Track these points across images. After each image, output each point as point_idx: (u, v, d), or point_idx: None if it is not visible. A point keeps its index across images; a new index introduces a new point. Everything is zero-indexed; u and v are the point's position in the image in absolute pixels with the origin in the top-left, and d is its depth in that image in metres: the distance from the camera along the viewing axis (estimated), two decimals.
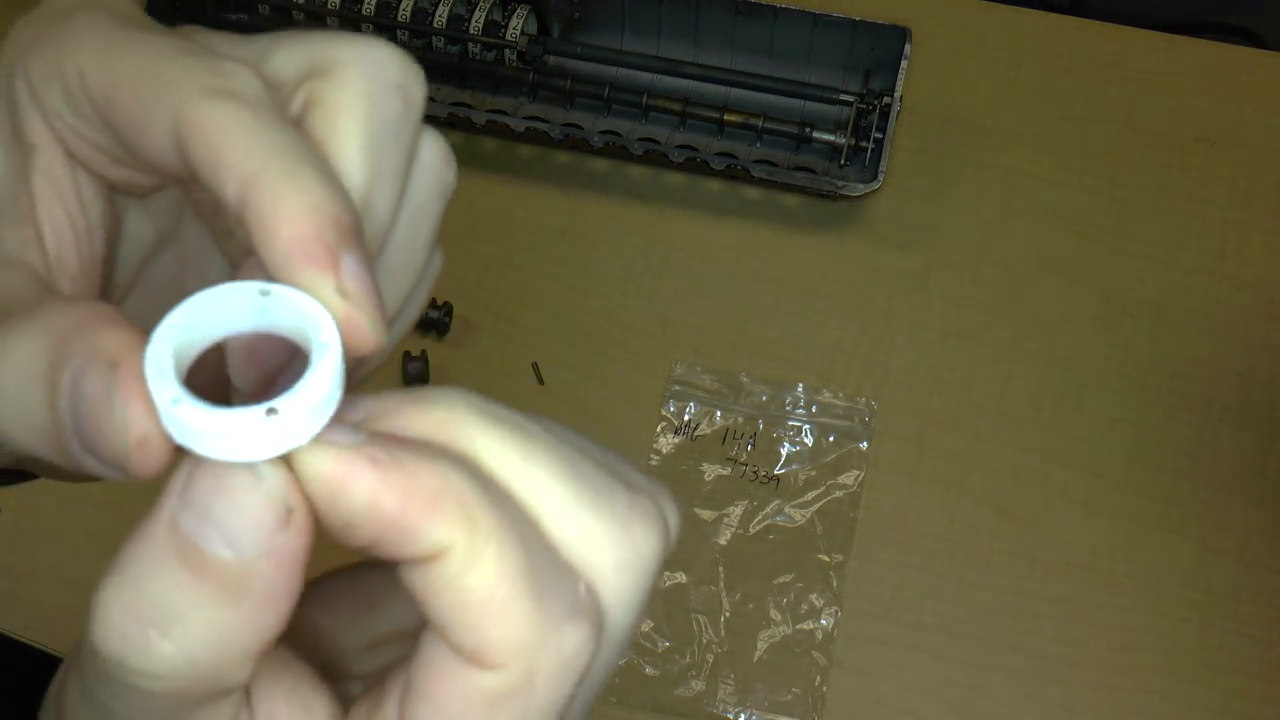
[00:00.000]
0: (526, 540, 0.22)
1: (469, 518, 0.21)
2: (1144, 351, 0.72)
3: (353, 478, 0.21)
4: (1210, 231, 0.76)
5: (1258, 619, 0.64)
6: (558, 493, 0.23)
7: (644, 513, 0.24)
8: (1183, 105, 0.81)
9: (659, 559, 0.24)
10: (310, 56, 0.25)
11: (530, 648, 0.21)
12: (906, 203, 0.77)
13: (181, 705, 0.21)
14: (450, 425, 0.23)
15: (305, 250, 0.21)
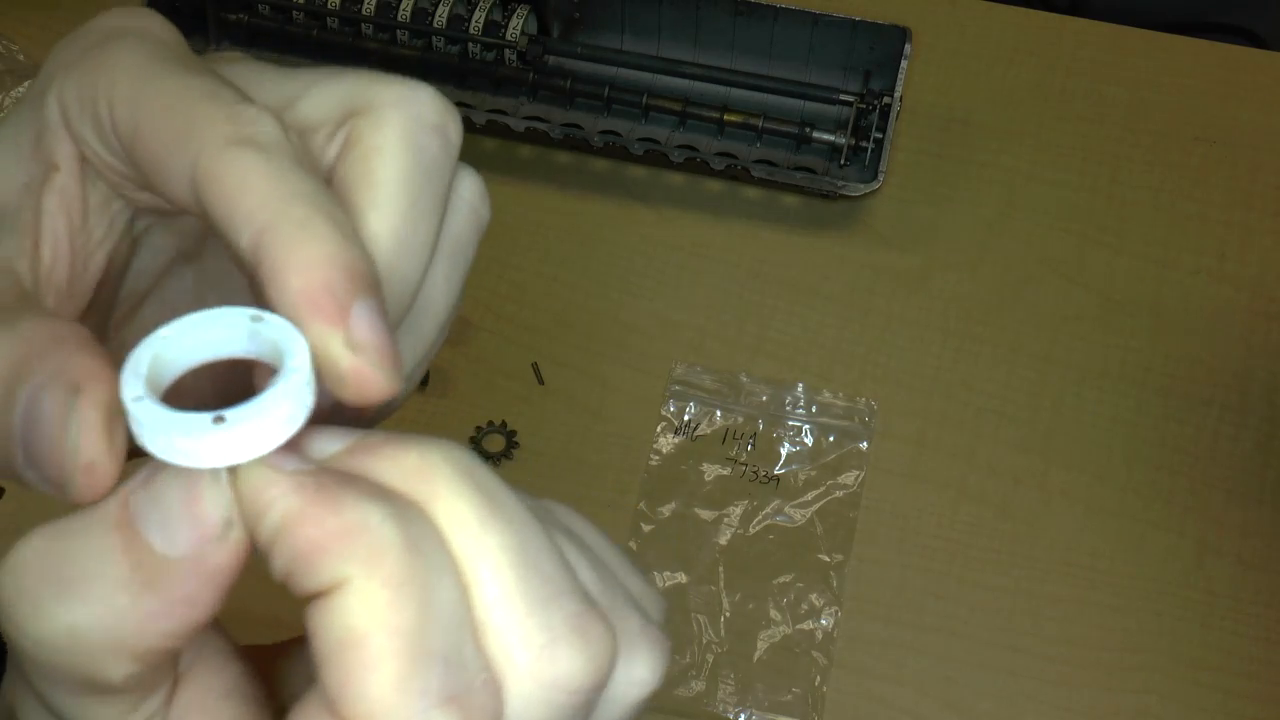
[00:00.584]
0: (433, 607, 0.20)
1: (372, 559, 0.20)
2: (1144, 351, 0.72)
3: (274, 499, 0.21)
4: (1210, 231, 0.76)
5: (1258, 619, 0.64)
6: (499, 575, 0.21)
7: (584, 634, 0.22)
8: (1183, 105, 0.81)
9: (585, 691, 0.22)
10: (350, 96, 0.25)
11: (384, 713, 0.20)
12: (906, 203, 0.77)
13: (65, 686, 0.21)
14: (419, 476, 0.22)
15: (313, 303, 0.21)
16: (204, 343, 0.22)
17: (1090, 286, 0.74)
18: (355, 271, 0.22)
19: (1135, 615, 0.65)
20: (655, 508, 0.67)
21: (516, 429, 0.70)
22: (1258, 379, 0.71)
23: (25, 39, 0.85)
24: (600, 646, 0.22)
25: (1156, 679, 0.63)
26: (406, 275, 0.24)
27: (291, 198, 0.22)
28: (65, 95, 0.25)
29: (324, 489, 0.21)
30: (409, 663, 0.20)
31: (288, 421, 0.21)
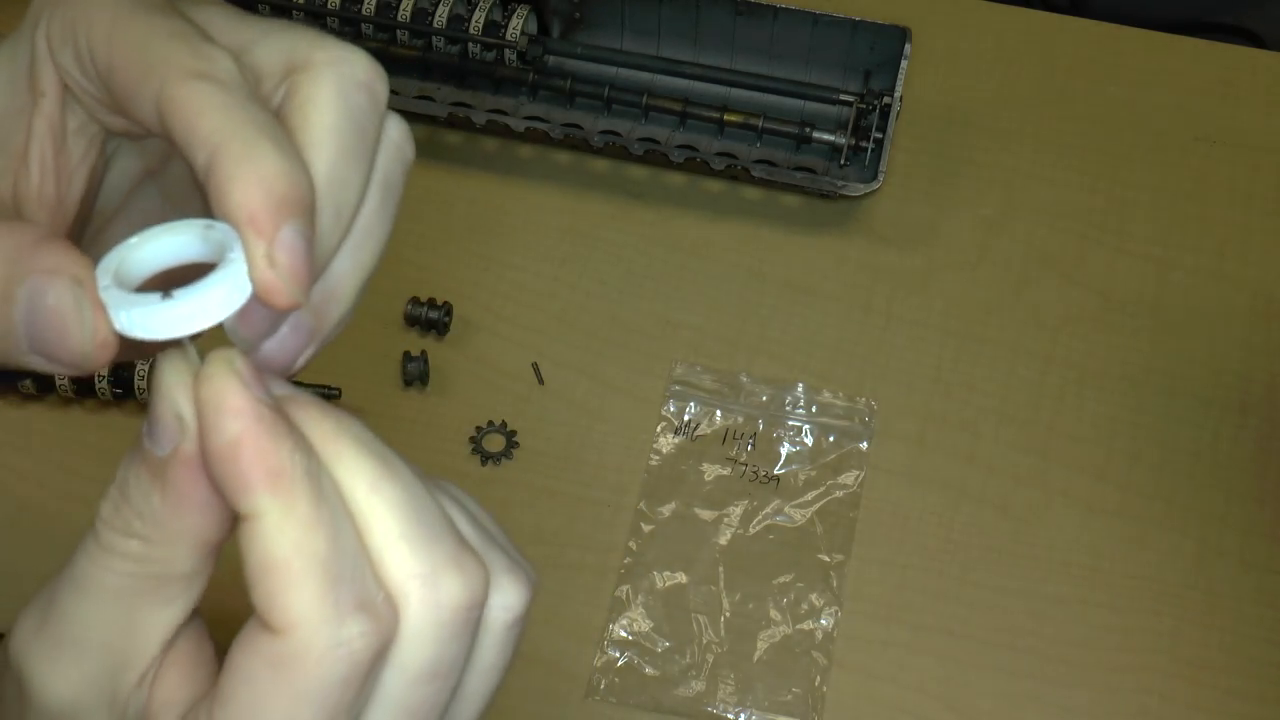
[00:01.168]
0: (336, 539, 0.26)
1: (289, 496, 0.25)
2: (1144, 351, 0.72)
3: (237, 410, 0.25)
4: (1210, 231, 0.76)
5: (1258, 619, 0.64)
6: (387, 521, 0.27)
7: (460, 565, 0.27)
8: (1183, 105, 0.81)
9: (464, 609, 0.27)
10: (293, 51, 0.29)
11: (309, 621, 0.25)
12: (906, 203, 0.77)
13: (132, 591, 0.27)
14: (331, 437, 0.27)
15: (249, 216, 0.25)
16: (164, 248, 0.26)
17: (1090, 286, 0.74)
18: (290, 195, 0.26)
19: (1135, 615, 0.64)
20: (655, 508, 0.67)
21: (516, 429, 0.70)
22: (1258, 379, 0.71)
23: None
24: (473, 575, 0.27)
25: (1156, 679, 0.63)
26: (341, 205, 0.28)
27: (242, 124, 0.26)
28: (51, 29, 0.28)
29: (269, 426, 0.26)
30: (322, 581, 0.25)
31: (225, 302, 0.25)
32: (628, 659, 0.64)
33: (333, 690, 0.26)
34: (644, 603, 0.65)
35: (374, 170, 0.30)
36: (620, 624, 0.64)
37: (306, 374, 0.75)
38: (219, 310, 0.25)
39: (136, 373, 0.68)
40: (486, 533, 0.30)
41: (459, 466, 0.69)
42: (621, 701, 0.63)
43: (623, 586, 0.65)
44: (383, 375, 0.72)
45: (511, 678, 0.66)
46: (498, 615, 0.29)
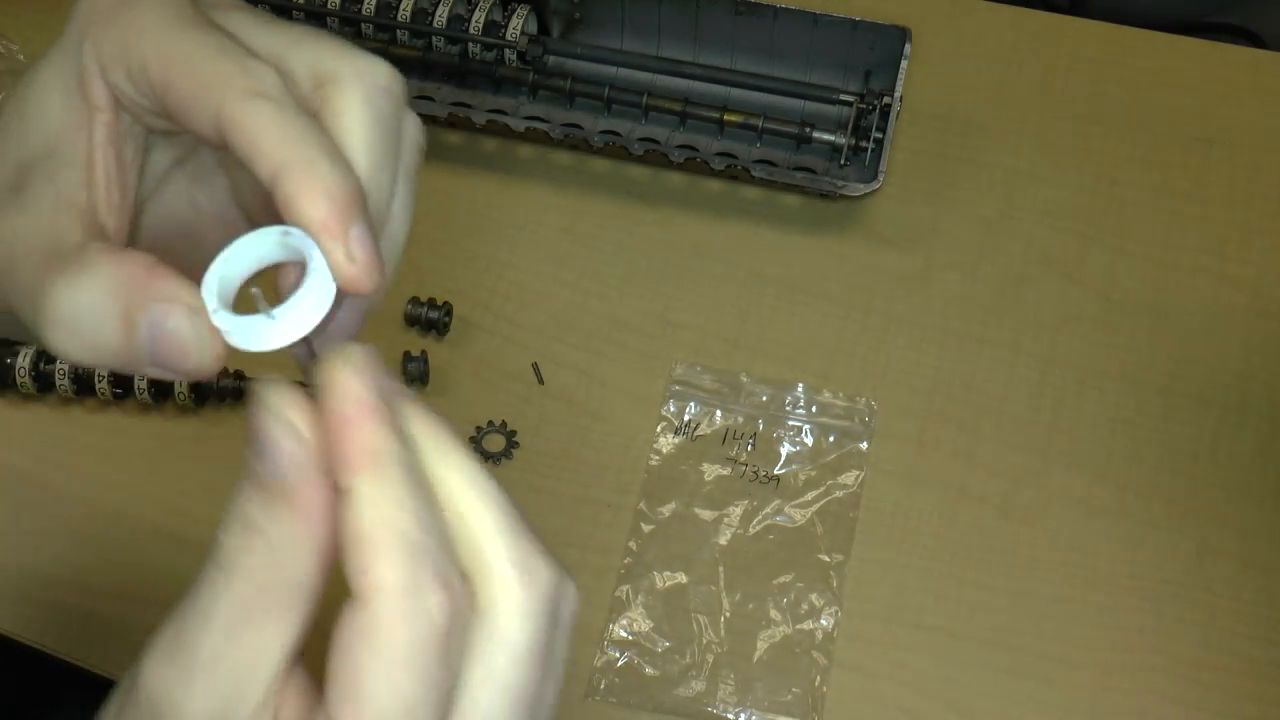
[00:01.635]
0: (422, 518, 0.29)
1: (382, 474, 0.29)
2: (1144, 351, 0.72)
3: (351, 394, 0.29)
4: (1210, 231, 0.76)
5: (1258, 619, 0.64)
6: (485, 514, 0.30)
7: (548, 560, 0.31)
8: (1183, 105, 0.81)
9: (553, 599, 0.31)
10: (319, 64, 0.32)
11: (390, 588, 0.28)
12: (906, 203, 0.77)
13: (256, 605, 0.29)
14: (435, 434, 0.31)
15: (325, 227, 0.30)
16: (251, 258, 0.31)
17: (1090, 286, 0.74)
18: (351, 201, 0.30)
19: (1135, 615, 0.64)
20: (655, 508, 0.67)
21: (516, 429, 0.70)
22: (1258, 379, 0.71)
23: (25, 39, 0.85)
24: (558, 567, 0.31)
25: (1156, 679, 0.63)
26: (379, 200, 0.33)
27: (300, 141, 0.30)
28: (101, 49, 0.31)
29: (373, 411, 0.29)
30: (406, 553, 0.28)
31: (317, 307, 0.30)
32: (628, 659, 0.64)
33: (418, 655, 0.28)
34: (644, 603, 0.65)
35: (400, 165, 0.34)
36: (620, 624, 0.64)
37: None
38: (313, 316, 0.30)
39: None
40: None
41: None
42: (621, 701, 0.63)
43: (623, 586, 0.65)
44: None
45: None
46: (567, 610, 0.32)
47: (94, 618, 0.65)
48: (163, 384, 0.69)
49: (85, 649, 0.64)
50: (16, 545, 0.67)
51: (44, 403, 0.71)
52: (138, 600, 0.65)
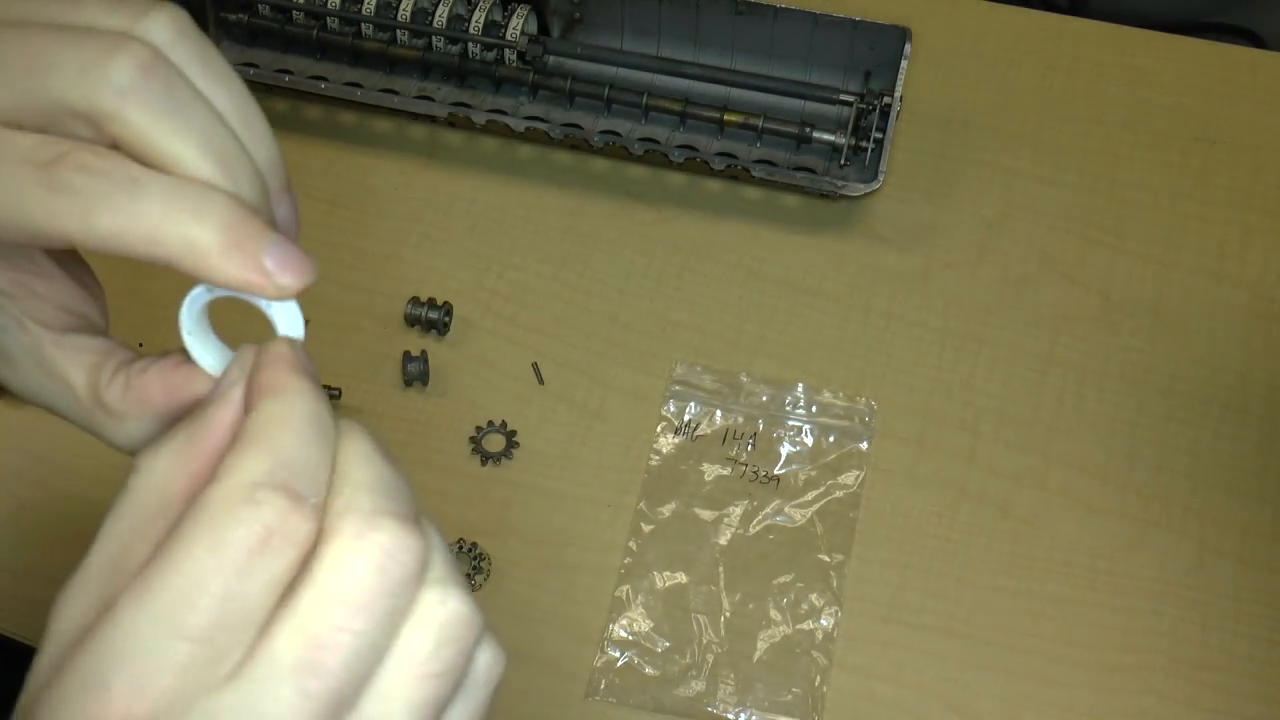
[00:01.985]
0: (305, 447, 0.31)
1: (285, 400, 0.31)
2: (1144, 351, 0.72)
3: (284, 351, 0.33)
4: (1210, 231, 0.76)
5: (1258, 619, 0.64)
6: (360, 471, 0.32)
7: (402, 526, 0.30)
8: (1183, 105, 0.81)
9: (380, 563, 0.29)
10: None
11: (241, 479, 0.29)
12: (906, 203, 0.77)
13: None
14: (344, 428, 0.33)
15: (247, 282, 0.32)
16: (202, 294, 0.35)
17: (1090, 286, 0.74)
18: (246, 239, 0.32)
19: (1135, 615, 0.64)
20: (655, 508, 0.67)
21: (516, 429, 0.70)
22: (1258, 379, 0.71)
23: None
24: (410, 538, 0.30)
25: (1156, 679, 0.63)
26: (255, 194, 0.34)
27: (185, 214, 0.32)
28: None
29: (292, 360, 0.32)
30: (272, 458, 0.29)
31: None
32: (628, 659, 0.64)
33: (232, 552, 0.28)
34: (644, 603, 0.65)
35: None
36: (620, 624, 0.64)
37: None
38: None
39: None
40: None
41: (459, 466, 0.69)
42: (621, 701, 0.63)
43: (623, 586, 0.65)
44: (383, 375, 0.72)
45: (512, 677, 0.66)
46: (402, 582, 0.29)
47: None
48: None
49: None
50: (16, 545, 0.67)
51: None
52: None
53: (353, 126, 0.82)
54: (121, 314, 0.75)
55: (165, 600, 0.28)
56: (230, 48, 0.82)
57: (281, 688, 0.28)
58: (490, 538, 0.66)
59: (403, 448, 0.69)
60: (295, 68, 0.81)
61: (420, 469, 0.69)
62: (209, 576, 0.28)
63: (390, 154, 0.80)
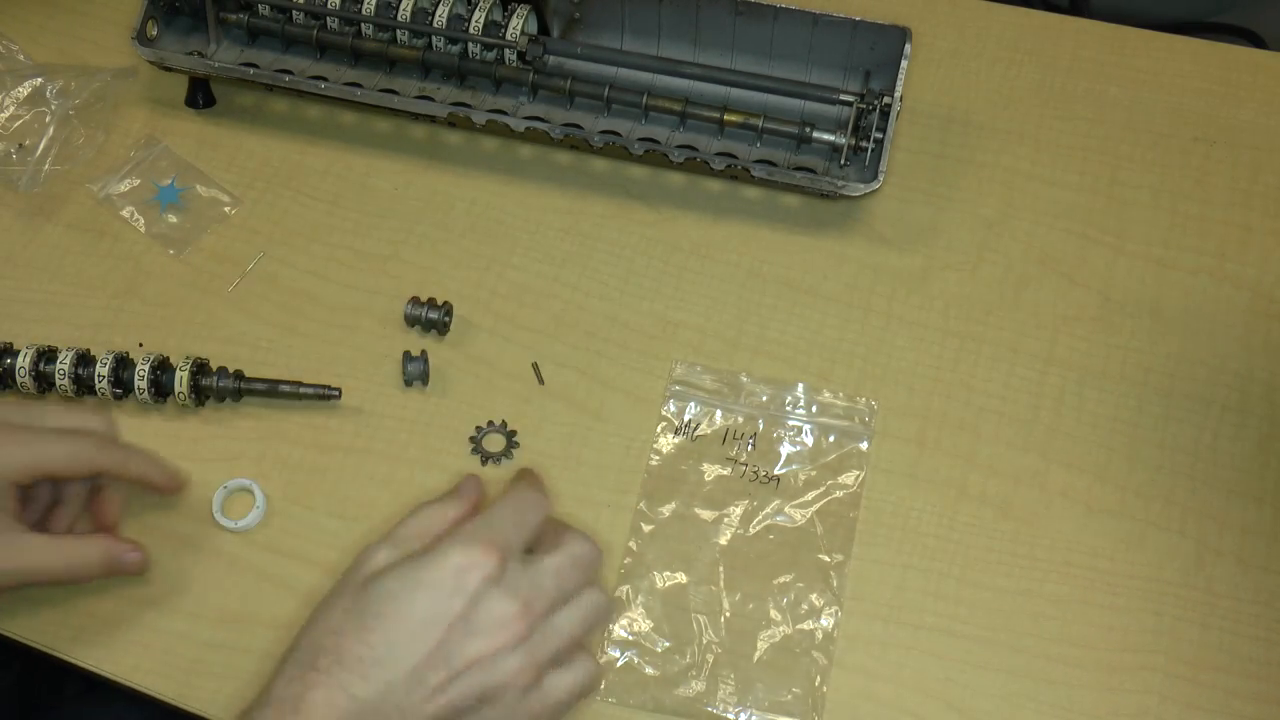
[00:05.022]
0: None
1: None
2: (1144, 351, 0.72)
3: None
4: (1210, 231, 0.76)
5: (1258, 619, 0.64)
6: None
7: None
8: (1183, 105, 0.81)
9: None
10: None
11: None
12: (906, 203, 0.78)
13: None
14: None
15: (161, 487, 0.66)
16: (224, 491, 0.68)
17: (1090, 286, 0.74)
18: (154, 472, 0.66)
19: (1135, 615, 0.65)
20: (655, 508, 0.67)
21: (516, 429, 0.70)
22: (1258, 379, 0.71)
23: (25, 39, 0.85)
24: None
25: (1156, 679, 0.63)
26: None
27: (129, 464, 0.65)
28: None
29: None
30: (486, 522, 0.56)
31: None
32: (628, 659, 0.64)
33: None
34: (644, 603, 0.65)
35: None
36: (620, 624, 0.64)
37: (308, 375, 0.75)
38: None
39: (136, 373, 0.68)
40: None
41: (459, 466, 0.69)
42: (621, 702, 0.63)
43: (623, 586, 0.65)
44: (383, 375, 0.72)
45: None
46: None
47: (94, 618, 0.65)
48: (162, 384, 0.69)
49: (85, 649, 0.64)
50: None
51: (44, 403, 0.71)
52: (138, 600, 0.65)
53: (353, 126, 0.82)
54: (121, 314, 0.76)
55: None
56: (230, 48, 0.82)
57: None
58: None
59: (403, 448, 0.69)
60: (295, 68, 0.81)
61: (420, 469, 0.69)
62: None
63: (390, 154, 0.80)
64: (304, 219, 0.78)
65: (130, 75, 0.83)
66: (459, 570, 0.52)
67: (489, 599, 0.52)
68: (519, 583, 0.53)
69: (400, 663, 0.52)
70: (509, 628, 0.52)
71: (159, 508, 0.68)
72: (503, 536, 0.54)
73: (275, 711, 0.51)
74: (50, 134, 0.79)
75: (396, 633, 0.52)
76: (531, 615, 0.53)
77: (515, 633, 0.53)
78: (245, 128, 0.82)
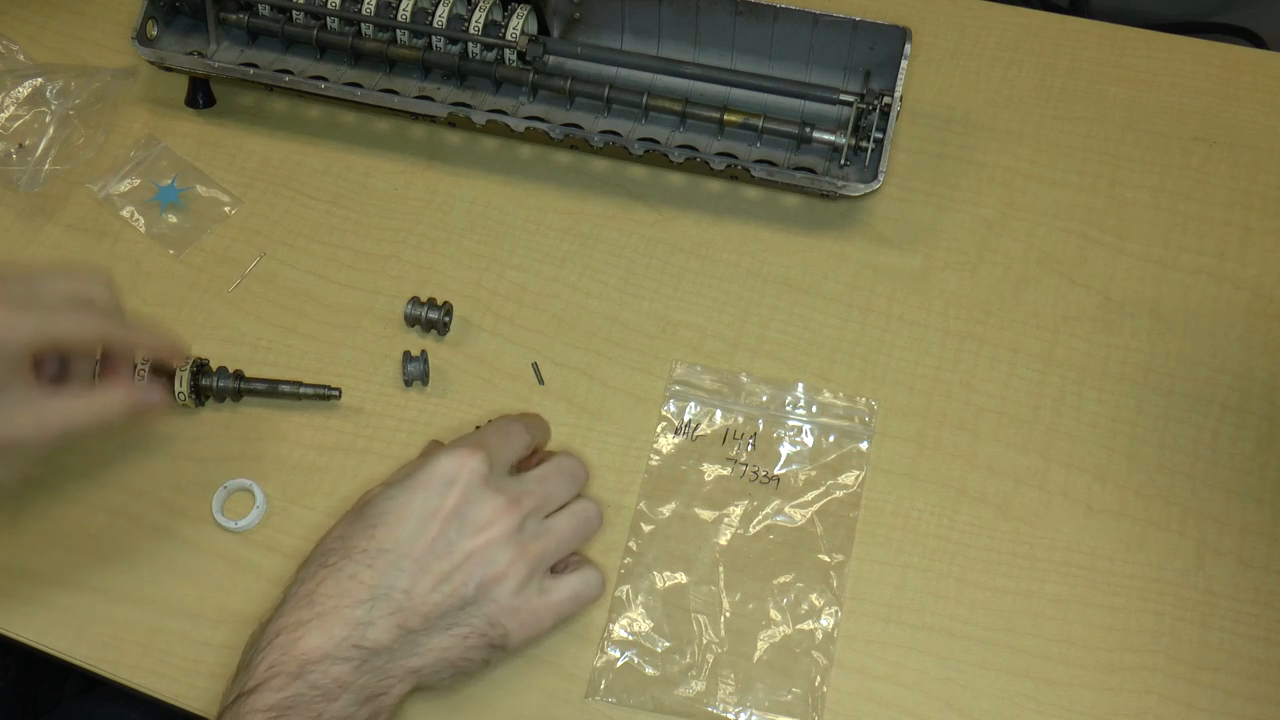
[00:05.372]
0: None
1: None
2: (1144, 351, 0.72)
3: None
4: (1210, 231, 0.76)
5: (1257, 619, 0.64)
6: None
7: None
8: (1183, 105, 0.81)
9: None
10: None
11: None
12: (906, 203, 0.78)
13: None
14: None
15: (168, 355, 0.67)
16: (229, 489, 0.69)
17: (1090, 286, 0.74)
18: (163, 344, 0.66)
19: (1135, 615, 0.65)
20: (655, 508, 0.67)
21: None
22: (1258, 379, 0.71)
23: (25, 39, 0.85)
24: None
25: (1156, 679, 0.63)
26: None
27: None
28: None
29: None
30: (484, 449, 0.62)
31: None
32: (628, 659, 0.64)
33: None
34: (644, 603, 0.65)
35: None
36: (620, 624, 0.64)
37: (308, 375, 0.75)
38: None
39: (136, 373, 0.68)
40: None
41: None
42: (621, 702, 0.63)
43: (623, 586, 0.65)
44: (383, 375, 0.72)
45: (512, 677, 0.66)
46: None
47: (95, 618, 0.65)
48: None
49: (85, 649, 0.64)
50: (16, 545, 0.67)
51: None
52: (138, 600, 0.65)
53: (353, 126, 0.82)
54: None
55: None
56: (230, 48, 0.82)
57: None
58: None
59: (403, 448, 0.70)
60: (295, 68, 0.81)
61: None
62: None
63: (390, 154, 0.80)
64: (304, 219, 0.78)
65: (130, 75, 0.83)
66: (448, 471, 0.58)
67: (479, 493, 0.58)
68: (505, 484, 0.60)
69: (405, 551, 0.57)
70: (499, 521, 0.58)
71: (159, 507, 0.68)
72: (487, 444, 0.60)
73: (290, 606, 0.56)
74: (50, 134, 0.79)
75: (399, 528, 0.57)
76: (520, 510, 0.59)
77: (506, 525, 0.58)
78: (245, 128, 0.82)
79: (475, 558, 0.57)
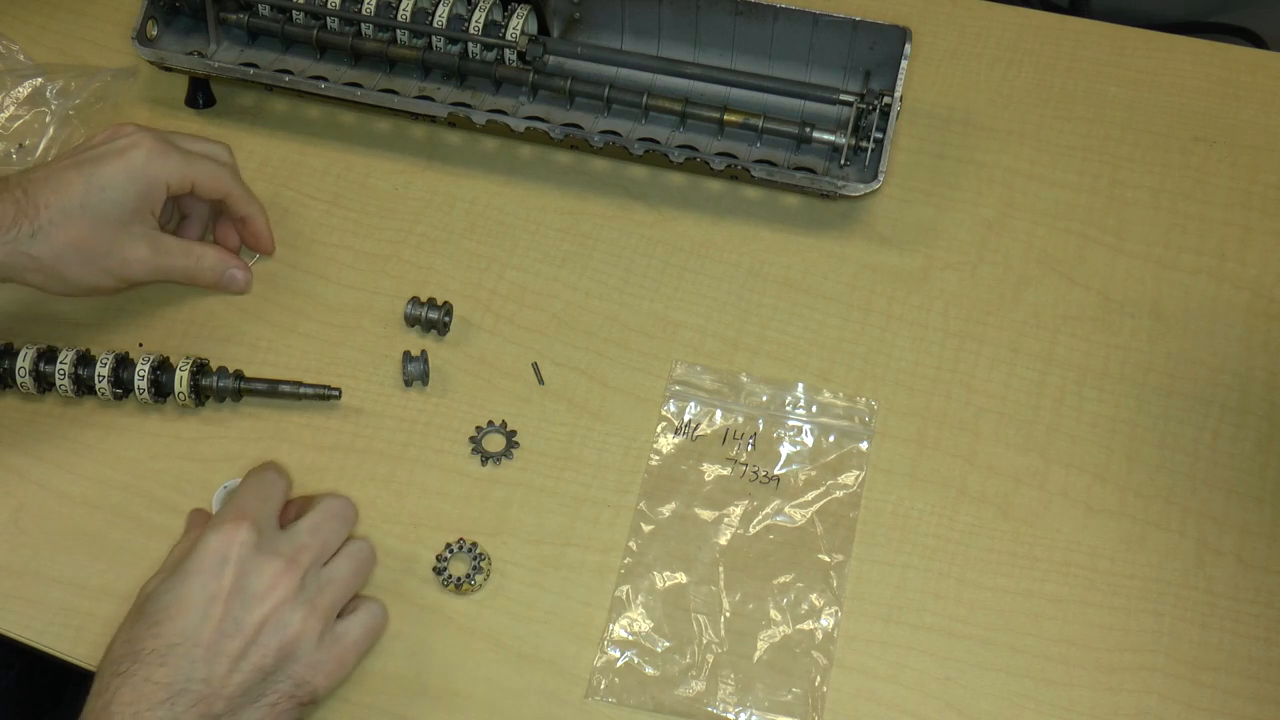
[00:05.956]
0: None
1: None
2: (1144, 351, 0.72)
3: None
4: (1210, 231, 0.76)
5: (1257, 619, 0.64)
6: None
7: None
8: (1183, 105, 0.81)
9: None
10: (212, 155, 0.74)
11: None
12: (906, 203, 0.78)
13: None
14: None
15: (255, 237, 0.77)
16: (226, 489, 0.70)
17: (1090, 286, 0.74)
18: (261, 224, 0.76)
19: (1135, 615, 0.65)
20: (655, 508, 0.67)
21: (516, 429, 0.70)
22: (1258, 379, 0.71)
23: (25, 39, 0.85)
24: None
25: (1156, 679, 0.63)
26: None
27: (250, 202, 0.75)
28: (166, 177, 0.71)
29: None
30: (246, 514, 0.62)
31: None
32: (628, 659, 0.64)
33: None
34: (644, 603, 0.65)
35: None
36: (620, 624, 0.64)
37: (308, 375, 0.75)
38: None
39: (136, 373, 0.68)
40: None
41: (459, 466, 0.69)
42: (621, 702, 0.63)
43: (623, 586, 0.65)
44: (383, 375, 0.72)
45: (512, 677, 0.66)
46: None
47: (94, 618, 0.65)
48: (162, 384, 0.69)
49: (85, 649, 0.64)
50: (16, 545, 0.67)
51: (44, 402, 0.71)
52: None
53: (353, 126, 0.82)
54: (121, 313, 0.76)
55: None
56: (230, 48, 0.82)
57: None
58: (490, 538, 0.66)
59: (403, 448, 0.69)
60: (295, 68, 0.81)
61: (420, 469, 0.69)
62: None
63: (390, 154, 0.80)
64: (304, 219, 0.78)
65: (130, 75, 0.83)
66: (219, 549, 0.57)
67: (253, 563, 0.57)
68: (278, 545, 0.59)
69: (194, 640, 0.55)
70: (281, 584, 0.57)
71: (160, 507, 0.68)
72: (249, 510, 0.59)
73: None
74: (50, 134, 0.79)
75: (182, 619, 0.56)
76: (299, 568, 0.58)
77: (289, 586, 0.58)
78: (245, 128, 0.82)
79: (267, 626, 0.57)
